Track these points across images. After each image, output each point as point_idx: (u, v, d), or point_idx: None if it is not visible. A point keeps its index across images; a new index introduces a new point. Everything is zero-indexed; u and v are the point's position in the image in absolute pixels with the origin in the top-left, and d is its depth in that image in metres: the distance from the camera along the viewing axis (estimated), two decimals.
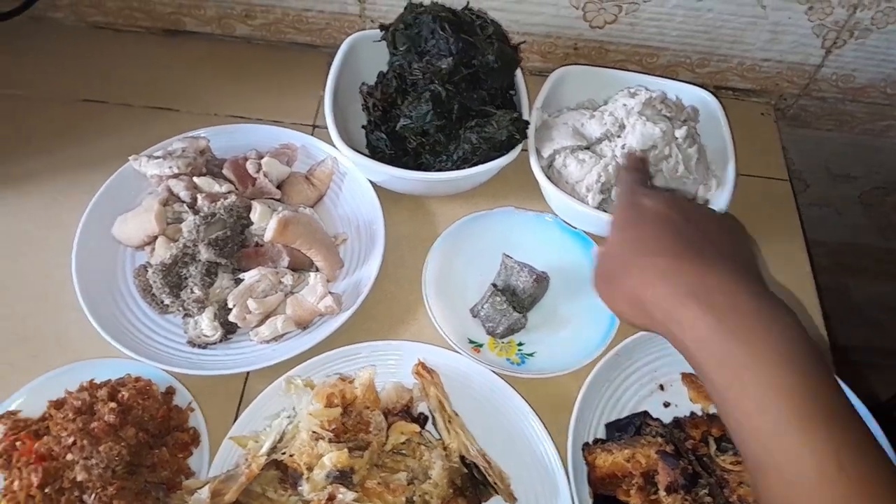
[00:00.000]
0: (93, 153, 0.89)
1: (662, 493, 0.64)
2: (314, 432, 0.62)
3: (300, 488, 0.60)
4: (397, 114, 0.81)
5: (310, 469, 0.60)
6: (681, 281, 0.49)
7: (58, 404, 0.68)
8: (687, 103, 0.85)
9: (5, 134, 0.91)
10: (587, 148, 0.80)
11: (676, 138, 0.78)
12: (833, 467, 0.41)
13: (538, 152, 0.80)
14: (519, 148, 0.80)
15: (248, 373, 0.75)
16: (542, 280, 0.77)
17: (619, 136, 0.79)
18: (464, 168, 0.78)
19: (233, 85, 0.98)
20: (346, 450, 0.60)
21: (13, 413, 0.68)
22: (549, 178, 0.79)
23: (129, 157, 0.83)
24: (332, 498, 0.59)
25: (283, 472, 0.63)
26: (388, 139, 0.80)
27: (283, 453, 0.62)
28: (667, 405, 0.74)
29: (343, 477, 0.60)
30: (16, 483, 0.62)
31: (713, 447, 0.67)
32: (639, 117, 0.77)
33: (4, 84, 0.95)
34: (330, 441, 0.61)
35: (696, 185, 0.82)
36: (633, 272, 0.52)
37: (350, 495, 0.59)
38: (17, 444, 0.65)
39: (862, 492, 0.41)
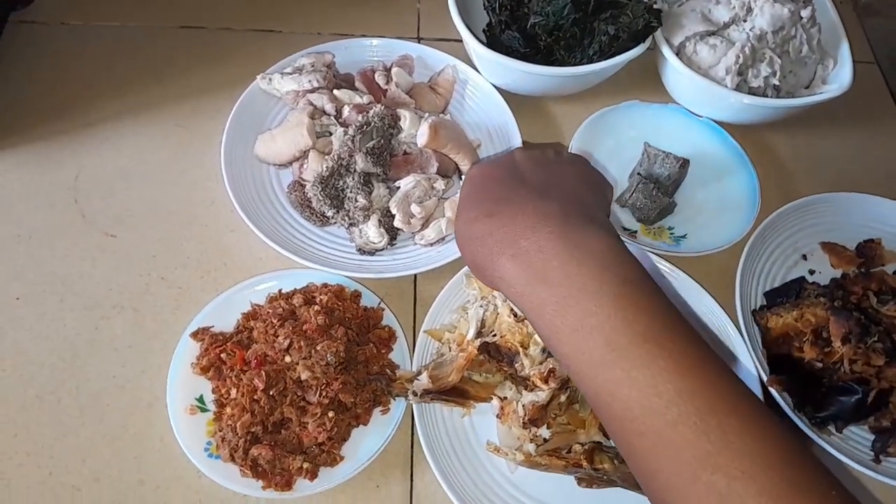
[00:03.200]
0: (208, 79, 0.89)
1: (837, 344, 0.69)
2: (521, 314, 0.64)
3: (516, 365, 0.63)
4: (525, 12, 0.81)
5: (524, 347, 0.63)
6: (494, 240, 0.49)
7: (252, 316, 0.69)
8: None
9: (111, 65, 0.89)
10: (715, 33, 0.82)
11: (802, 18, 0.80)
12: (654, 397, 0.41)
13: (667, 41, 0.82)
14: (650, 38, 0.81)
15: (415, 276, 0.76)
16: (685, 165, 0.80)
17: (745, 20, 0.81)
18: (600, 61, 0.79)
19: (332, 3, 0.97)
20: None
21: (207, 329, 0.69)
22: None
23: (257, 77, 0.82)
24: (552, 371, 0.62)
25: (488, 355, 0.65)
26: (520, 38, 0.81)
27: (494, 335, 0.65)
28: (812, 272, 0.79)
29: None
30: (233, 391, 0.64)
31: (874, 300, 0.72)
32: None
33: (97, 17, 0.93)
34: None
35: (815, 65, 0.84)
36: (462, 239, 0.53)
37: None
38: (223, 355, 0.66)
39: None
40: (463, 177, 0.78)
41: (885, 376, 0.67)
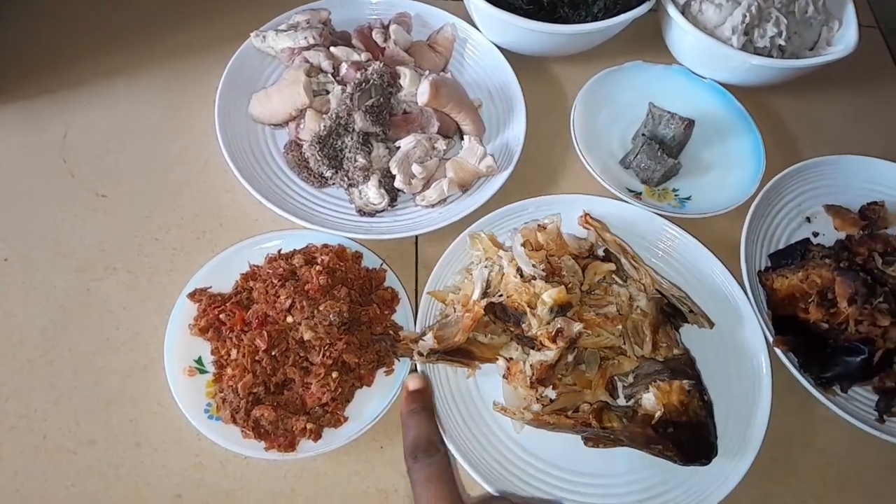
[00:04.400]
0: (201, 37, 0.86)
1: (843, 305, 0.68)
2: (528, 274, 0.63)
3: (523, 325, 0.62)
4: None
5: (531, 307, 0.62)
6: None
7: (251, 276, 0.67)
8: None
9: (99, 23, 0.86)
10: None
11: None
12: None
13: (673, 0, 0.80)
14: None
15: (417, 237, 0.75)
16: (690, 126, 0.78)
17: None
18: (605, 19, 0.78)
19: None
20: (563, 286, 0.62)
21: (204, 290, 0.67)
22: None
23: (251, 34, 0.80)
24: (560, 331, 0.61)
25: (494, 315, 0.64)
26: None
27: (500, 295, 0.64)
28: (815, 235, 0.78)
29: (563, 312, 0.62)
30: (234, 351, 0.62)
31: (879, 261, 0.72)
32: None
33: None
34: (545, 279, 0.63)
35: (820, 27, 0.83)
36: None
37: (577, 326, 0.61)
38: (222, 315, 0.64)
39: None
40: (465, 137, 0.77)
41: (890, 337, 0.67)
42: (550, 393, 0.63)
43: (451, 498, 0.52)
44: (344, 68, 0.76)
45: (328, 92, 0.76)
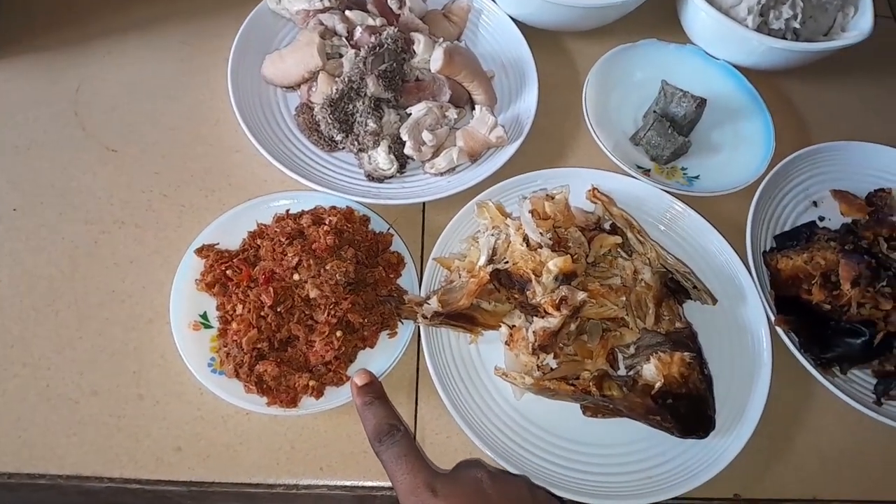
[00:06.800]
0: None
1: (846, 287, 0.69)
2: (535, 242, 0.63)
3: (527, 292, 0.62)
4: None
5: (537, 275, 0.62)
6: None
7: (258, 234, 0.68)
8: None
9: None
10: None
11: None
12: None
13: None
14: None
15: (424, 204, 0.75)
16: (702, 105, 0.78)
17: None
18: None
19: None
20: (569, 255, 0.62)
21: (211, 246, 0.67)
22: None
23: None
24: (564, 299, 0.61)
25: (499, 282, 0.64)
26: None
27: (506, 262, 0.64)
28: (821, 219, 0.78)
29: (567, 281, 0.62)
30: (240, 307, 0.63)
31: (884, 246, 0.72)
32: None
33: None
34: (552, 248, 0.63)
35: (835, 12, 0.83)
36: None
37: (582, 294, 0.61)
38: (229, 271, 0.65)
39: None
40: (476, 107, 0.76)
41: (891, 320, 0.67)
42: (551, 361, 0.64)
43: (422, 467, 0.55)
44: (358, 32, 0.76)
45: (342, 55, 0.76)
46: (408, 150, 0.73)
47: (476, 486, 0.55)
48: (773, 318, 0.68)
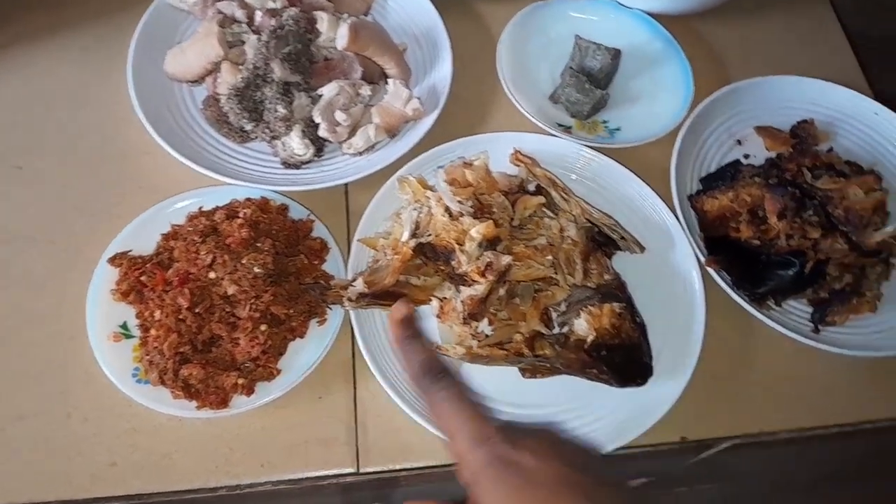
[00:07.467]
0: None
1: (773, 220, 0.69)
2: (456, 211, 0.62)
3: (453, 263, 0.61)
4: None
5: (460, 244, 0.61)
6: None
7: (171, 236, 0.66)
8: None
9: None
10: None
11: None
12: None
13: None
14: None
15: (346, 186, 0.73)
16: (617, 56, 0.78)
17: None
18: None
19: None
20: (491, 221, 0.61)
21: (124, 254, 0.65)
22: None
23: None
24: (489, 265, 0.60)
25: (424, 256, 0.63)
26: None
27: (429, 235, 0.63)
28: (746, 157, 0.78)
29: (492, 247, 0.62)
30: (157, 312, 0.61)
31: (808, 175, 0.72)
32: None
33: None
34: (473, 216, 0.62)
35: None
36: None
37: (506, 258, 0.60)
38: (143, 277, 0.63)
39: None
40: (389, 81, 0.75)
41: (820, 248, 0.68)
42: (486, 329, 0.63)
43: (484, 415, 0.48)
44: (258, 16, 0.74)
45: (244, 42, 0.74)
46: (322, 133, 0.71)
47: (558, 445, 0.48)
48: (703, 259, 0.68)
